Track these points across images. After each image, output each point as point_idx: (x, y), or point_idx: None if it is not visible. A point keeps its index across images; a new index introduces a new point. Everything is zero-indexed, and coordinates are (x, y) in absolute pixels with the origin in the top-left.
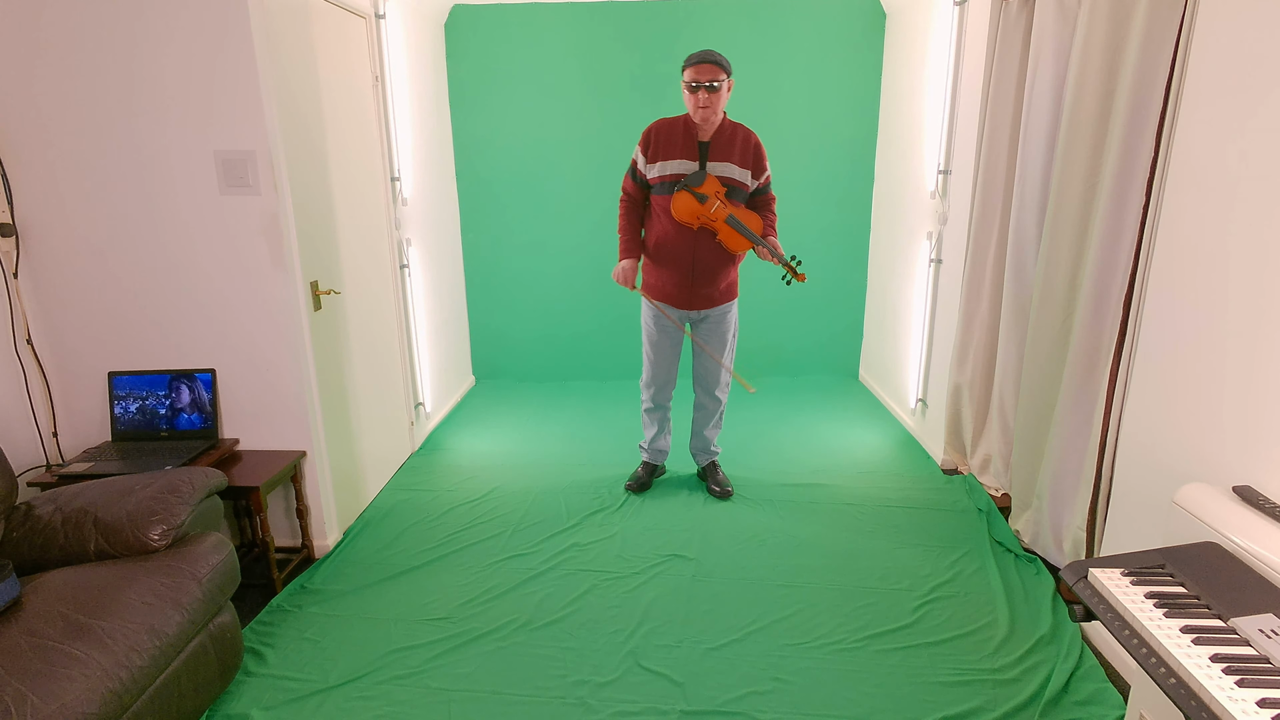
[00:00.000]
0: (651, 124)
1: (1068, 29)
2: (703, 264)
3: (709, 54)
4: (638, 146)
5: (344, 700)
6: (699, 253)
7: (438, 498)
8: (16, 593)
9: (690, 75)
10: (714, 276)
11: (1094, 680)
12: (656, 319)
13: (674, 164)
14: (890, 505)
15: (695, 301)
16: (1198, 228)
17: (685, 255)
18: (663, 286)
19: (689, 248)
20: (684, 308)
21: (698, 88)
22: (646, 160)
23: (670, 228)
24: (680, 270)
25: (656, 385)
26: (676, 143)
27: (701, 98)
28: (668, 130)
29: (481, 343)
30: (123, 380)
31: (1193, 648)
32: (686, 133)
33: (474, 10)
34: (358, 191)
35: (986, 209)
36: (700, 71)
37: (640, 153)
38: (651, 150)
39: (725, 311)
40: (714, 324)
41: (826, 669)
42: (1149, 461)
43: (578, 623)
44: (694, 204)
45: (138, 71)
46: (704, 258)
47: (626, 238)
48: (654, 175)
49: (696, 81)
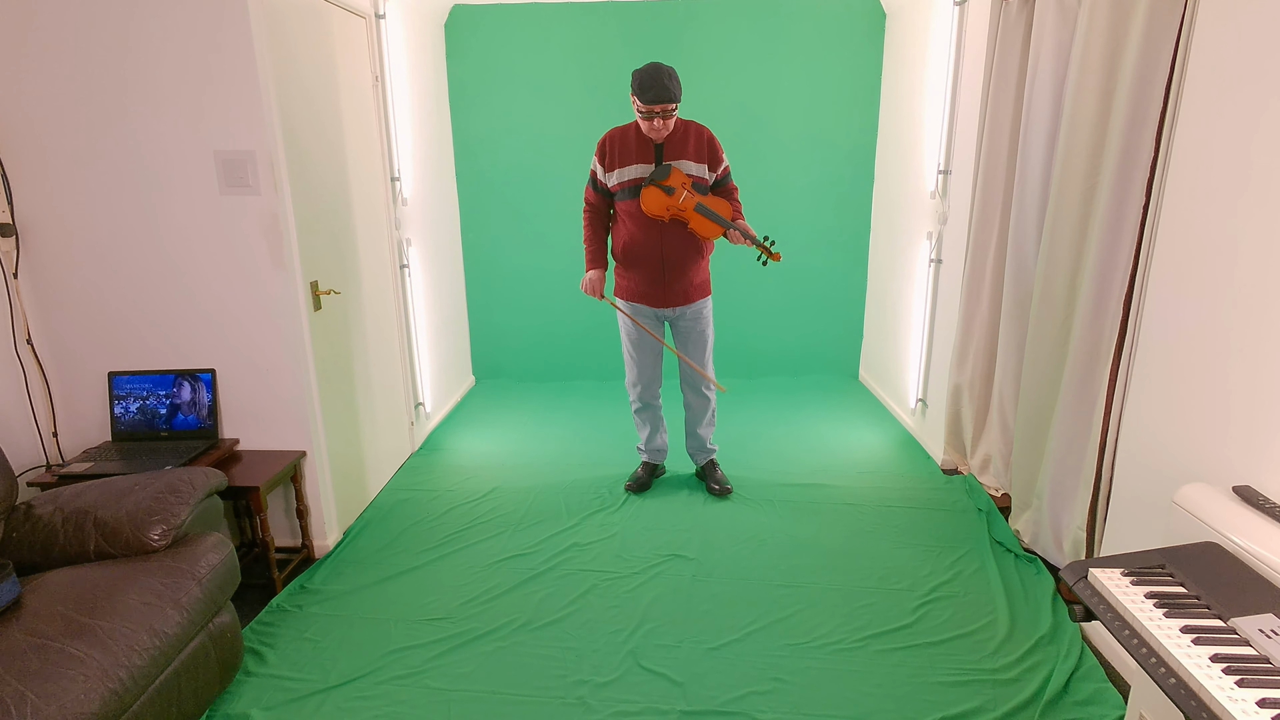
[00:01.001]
0: (605, 134)
1: (1068, 29)
2: (672, 260)
3: (661, 87)
4: (594, 157)
5: (344, 700)
6: (667, 249)
7: (438, 498)
8: (17, 593)
9: (644, 107)
10: (684, 271)
11: (1094, 680)
12: (635, 315)
13: (631, 169)
14: (890, 505)
15: (670, 298)
16: (1197, 227)
17: (654, 253)
18: (636, 288)
19: (657, 245)
20: (659, 306)
21: (653, 116)
22: (605, 169)
23: (637, 229)
24: (651, 268)
25: (643, 383)
26: (631, 148)
27: (656, 124)
28: (620, 137)
29: (481, 342)
30: (123, 380)
31: (1193, 648)
32: (640, 137)
33: (474, 10)
34: (358, 191)
35: (986, 209)
36: (657, 105)
37: (598, 163)
38: (608, 159)
39: (701, 308)
40: (691, 321)
41: (826, 669)
42: (1149, 461)
43: (578, 623)
44: (662, 197)
45: (138, 71)
46: (673, 254)
47: (593, 248)
48: (614, 182)
49: (652, 113)
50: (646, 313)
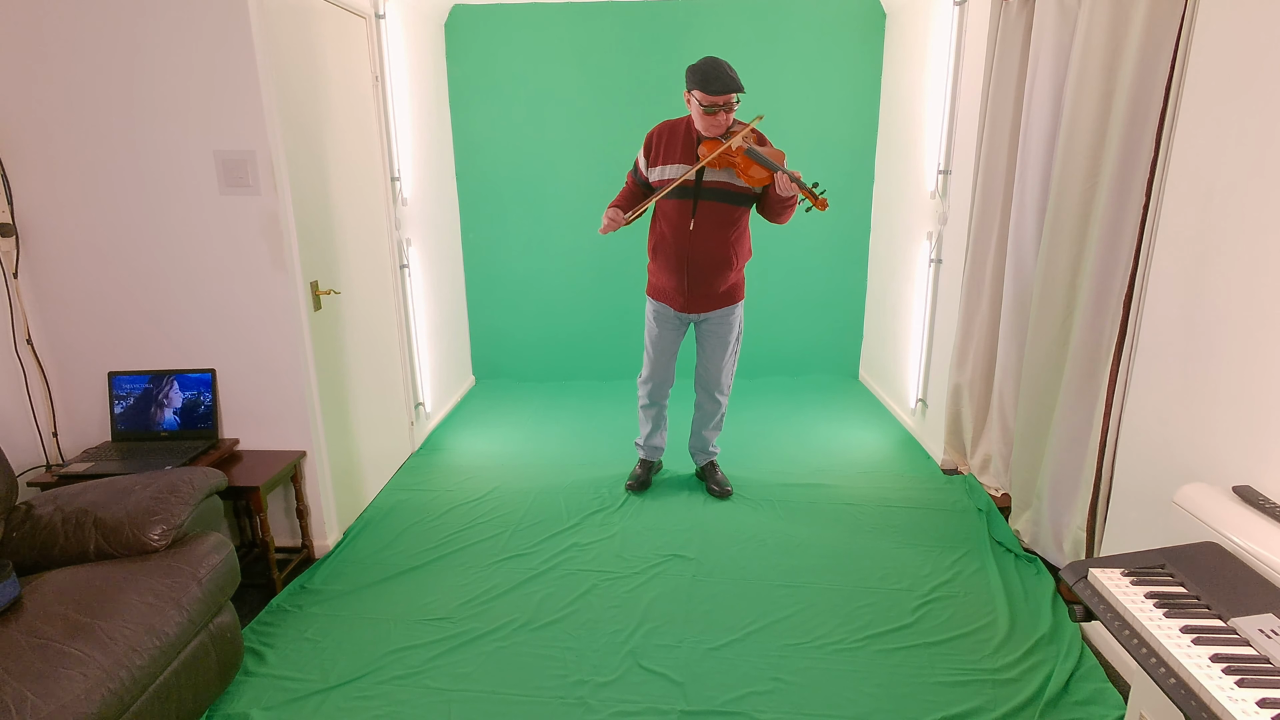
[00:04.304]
0: (655, 127)
1: (1068, 29)
2: (697, 266)
3: (725, 78)
4: (640, 150)
5: (344, 700)
6: (694, 255)
7: (438, 498)
8: (17, 593)
9: (708, 100)
10: (709, 278)
11: (1094, 680)
12: (658, 316)
13: (673, 168)
14: (890, 505)
15: (693, 304)
16: (1198, 227)
17: (680, 257)
18: (663, 288)
19: (685, 250)
20: (682, 310)
21: (717, 110)
22: (649, 163)
23: (669, 230)
24: (676, 272)
25: (654, 382)
26: (678, 146)
27: (720, 117)
28: (669, 133)
29: (481, 343)
30: (123, 380)
31: (1193, 648)
32: (688, 136)
33: (474, 10)
34: (358, 191)
35: (986, 209)
36: (719, 99)
37: (643, 155)
38: (653, 154)
39: (726, 315)
40: (714, 326)
41: (826, 669)
42: (1149, 461)
43: (578, 623)
44: (717, 143)
45: (138, 71)
46: (699, 260)
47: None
48: (655, 178)
49: (716, 105)
50: (670, 313)
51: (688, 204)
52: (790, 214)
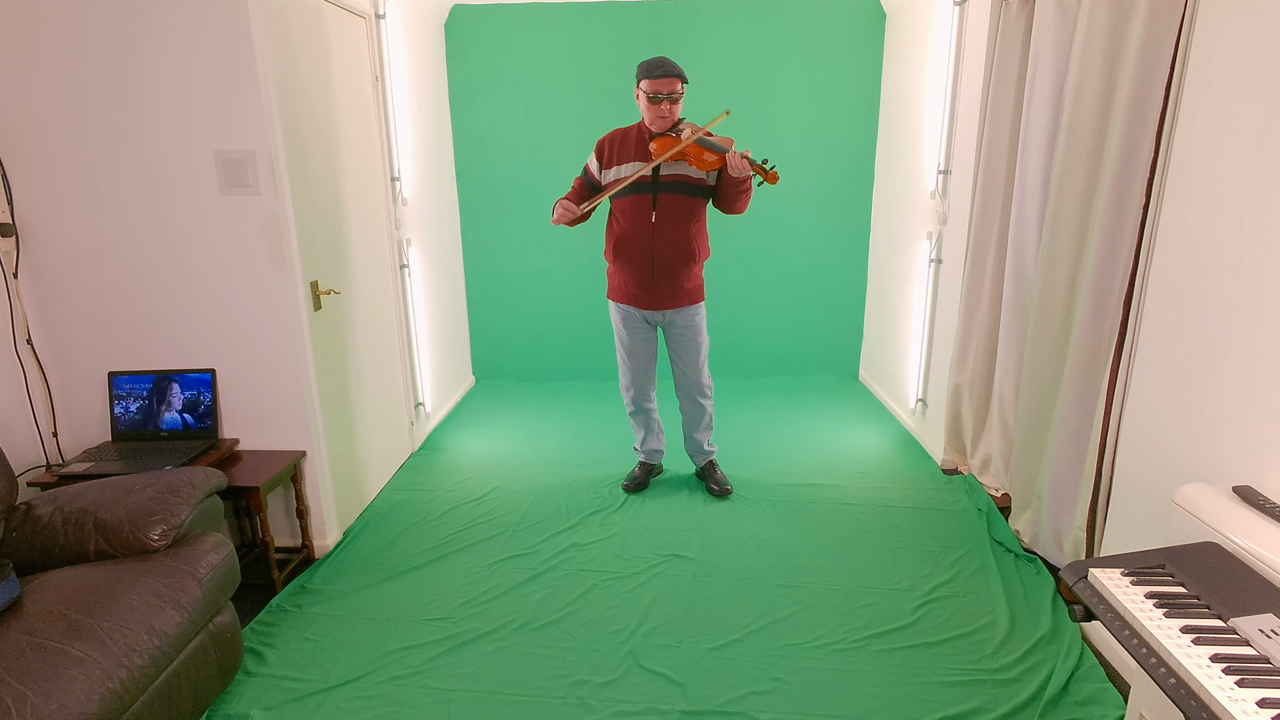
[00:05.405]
0: (606, 134)
1: (1068, 29)
2: (661, 260)
3: (668, 65)
4: (592, 154)
5: (344, 700)
6: (657, 248)
7: (438, 498)
8: (16, 593)
9: (651, 87)
10: (674, 273)
11: (1094, 680)
12: (626, 320)
13: (628, 167)
14: (890, 505)
15: (658, 301)
16: (1198, 227)
17: (644, 253)
18: (626, 288)
19: (647, 245)
20: (648, 308)
21: (660, 99)
22: (601, 166)
23: (629, 227)
24: (640, 269)
25: (636, 388)
26: (630, 147)
27: (664, 108)
28: (621, 137)
29: (481, 343)
30: (123, 380)
31: (1193, 648)
32: (640, 138)
33: (474, 10)
34: (358, 191)
35: (986, 209)
36: (662, 84)
37: (594, 158)
38: (606, 157)
39: (692, 315)
40: (681, 330)
41: (826, 669)
42: (1149, 461)
43: (578, 623)
44: (671, 139)
45: (138, 71)
46: (663, 254)
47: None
48: (609, 179)
49: (658, 93)
50: (636, 316)
51: (647, 199)
52: (746, 200)
